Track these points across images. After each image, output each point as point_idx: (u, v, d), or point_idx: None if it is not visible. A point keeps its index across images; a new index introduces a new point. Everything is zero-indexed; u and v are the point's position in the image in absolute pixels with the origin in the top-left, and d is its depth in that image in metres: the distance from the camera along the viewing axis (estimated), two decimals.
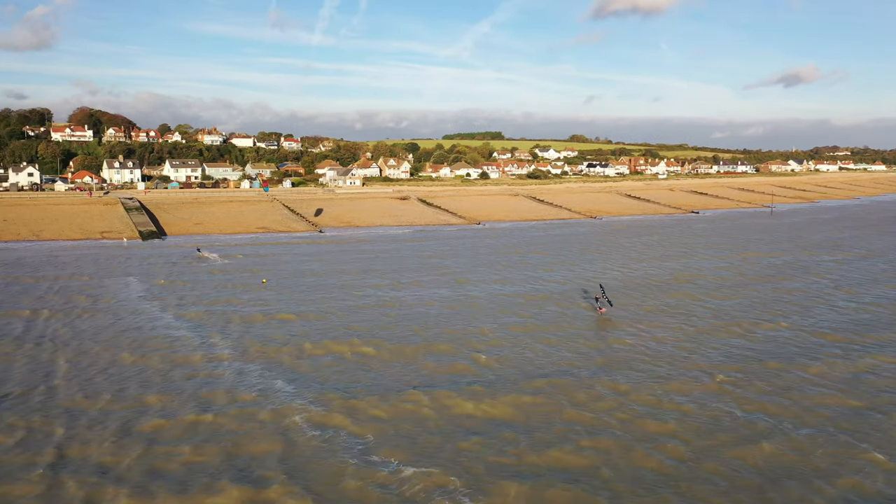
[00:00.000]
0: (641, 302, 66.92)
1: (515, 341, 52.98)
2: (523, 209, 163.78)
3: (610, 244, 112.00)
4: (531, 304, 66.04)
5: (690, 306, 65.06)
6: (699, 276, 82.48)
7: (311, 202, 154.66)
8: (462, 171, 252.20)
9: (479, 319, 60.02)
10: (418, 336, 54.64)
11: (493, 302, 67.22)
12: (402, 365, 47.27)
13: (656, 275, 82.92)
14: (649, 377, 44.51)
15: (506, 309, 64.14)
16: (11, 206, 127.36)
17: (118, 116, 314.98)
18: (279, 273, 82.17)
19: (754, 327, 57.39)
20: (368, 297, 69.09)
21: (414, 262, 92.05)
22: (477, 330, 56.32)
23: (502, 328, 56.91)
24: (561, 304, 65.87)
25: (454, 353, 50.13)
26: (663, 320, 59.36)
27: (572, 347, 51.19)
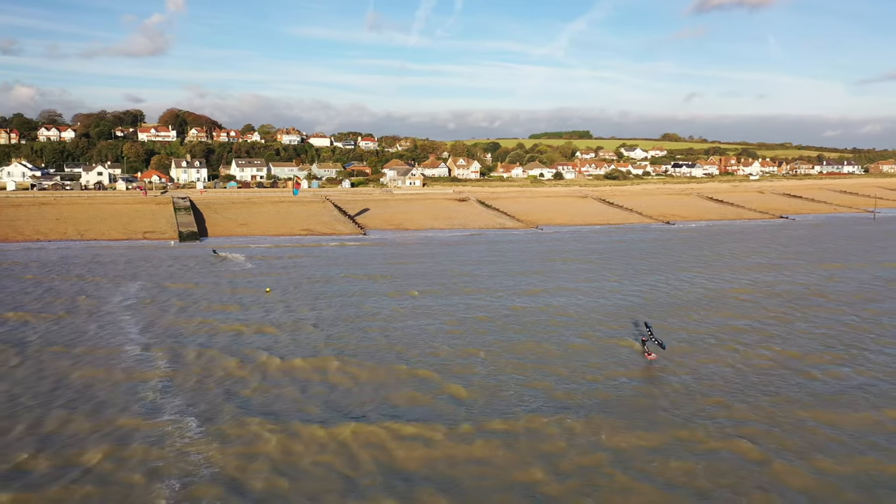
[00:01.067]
0: (687, 324, 56.89)
1: (501, 373, 44.78)
2: (589, 212, 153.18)
3: (674, 253, 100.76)
4: (543, 328, 57.12)
5: (745, 337, 54.36)
6: (769, 292, 70.95)
7: (363, 203, 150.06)
8: (535, 171, 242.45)
9: (464, 340, 52.02)
10: (389, 356, 47.56)
11: (497, 322, 58.67)
12: (357, 393, 40.14)
13: (713, 290, 72.00)
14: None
15: (505, 330, 55.74)
16: (68, 205, 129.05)
17: (202, 117, 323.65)
18: (298, 278, 77.50)
19: (821, 368, 46.61)
20: (364, 308, 62.63)
21: (442, 267, 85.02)
22: (454, 353, 48.43)
23: (494, 355, 48.68)
24: (584, 335, 56.73)
25: (422, 381, 42.55)
26: (716, 369, 49.43)
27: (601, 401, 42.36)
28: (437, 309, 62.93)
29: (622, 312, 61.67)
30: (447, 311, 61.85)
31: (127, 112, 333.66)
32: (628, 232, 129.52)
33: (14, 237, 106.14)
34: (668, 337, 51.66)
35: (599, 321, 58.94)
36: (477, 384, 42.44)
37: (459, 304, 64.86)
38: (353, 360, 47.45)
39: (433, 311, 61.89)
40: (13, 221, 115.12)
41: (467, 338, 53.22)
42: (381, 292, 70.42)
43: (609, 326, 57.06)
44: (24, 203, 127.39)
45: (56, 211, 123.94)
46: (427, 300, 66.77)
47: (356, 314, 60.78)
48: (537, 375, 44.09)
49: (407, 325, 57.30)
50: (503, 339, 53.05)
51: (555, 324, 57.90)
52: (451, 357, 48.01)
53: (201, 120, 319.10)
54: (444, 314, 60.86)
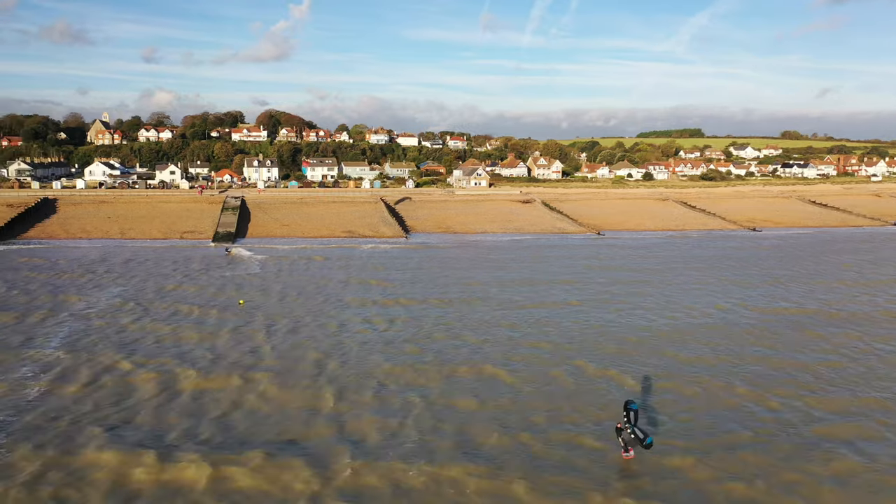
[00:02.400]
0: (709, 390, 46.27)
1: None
2: (664, 217, 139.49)
3: (744, 268, 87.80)
4: (485, 353, 48.15)
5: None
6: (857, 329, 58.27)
7: (419, 204, 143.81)
8: (623, 171, 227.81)
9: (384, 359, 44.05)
10: (318, 382, 40.46)
11: (439, 356, 50.15)
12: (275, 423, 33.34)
13: (757, 323, 60.02)
14: None
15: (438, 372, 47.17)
16: (124, 204, 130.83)
17: (295, 117, 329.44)
18: (291, 286, 72.06)
19: None
20: (329, 327, 56.16)
21: (462, 275, 77.97)
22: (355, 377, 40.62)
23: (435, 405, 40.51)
24: (561, 382, 47.29)
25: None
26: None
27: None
28: (397, 324, 55.35)
29: (599, 355, 51.54)
30: (402, 328, 54.10)
31: (228, 113, 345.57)
32: (704, 240, 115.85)
33: (59, 234, 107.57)
34: (671, 400, 41.50)
35: (571, 355, 49.44)
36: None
37: (420, 319, 57.00)
38: (250, 394, 40.76)
39: (393, 330, 54.27)
40: (67, 219, 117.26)
41: (394, 356, 45.30)
42: (372, 300, 63.88)
43: (576, 363, 47.53)
44: (84, 201, 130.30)
45: (111, 209, 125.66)
46: (401, 311, 59.32)
47: (328, 334, 54.34)
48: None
49: (348, 349, 50.35)
50: (439, 362, 44.72)
51: (515, 354, 48.89)
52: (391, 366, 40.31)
53: (294, 120, 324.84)
54: (398, 331, 53.18)
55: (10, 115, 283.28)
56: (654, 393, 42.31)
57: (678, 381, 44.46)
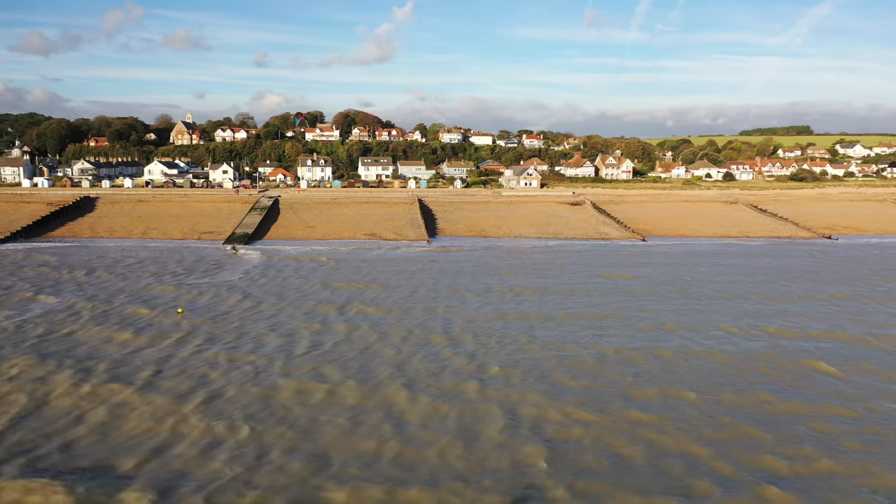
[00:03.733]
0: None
1: None
2: (728, 221, 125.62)
3: (777, 284, 75.53)
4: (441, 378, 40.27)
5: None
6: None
7: (460, 205, 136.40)
8: (702, 171, 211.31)
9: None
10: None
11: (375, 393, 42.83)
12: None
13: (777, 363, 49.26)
14: None
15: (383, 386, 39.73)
16: (161, 203, 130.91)
17: (370, 116, 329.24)
18: (265, 293, 67.46)
19: None
20: (266, 347, 49.82)
21: (449, 282, 70.30)
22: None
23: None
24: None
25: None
26: None
27: None
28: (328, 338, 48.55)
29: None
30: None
31: (309, 113, 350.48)
32: (760, 247, 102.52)
33: (84, 233, 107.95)
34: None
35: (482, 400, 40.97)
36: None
37: (351, 335, 49.86)
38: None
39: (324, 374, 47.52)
40: (99, 218, 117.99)
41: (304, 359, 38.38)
42: (327, 312, 57.86)
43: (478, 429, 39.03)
44: (122, 200, 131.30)
45: (145, 208, 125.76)
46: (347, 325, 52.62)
47: (222, 349, 48.55)
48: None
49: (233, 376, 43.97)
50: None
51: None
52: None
53: (368, 119, 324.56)
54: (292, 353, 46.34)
55: (100, 117, 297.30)
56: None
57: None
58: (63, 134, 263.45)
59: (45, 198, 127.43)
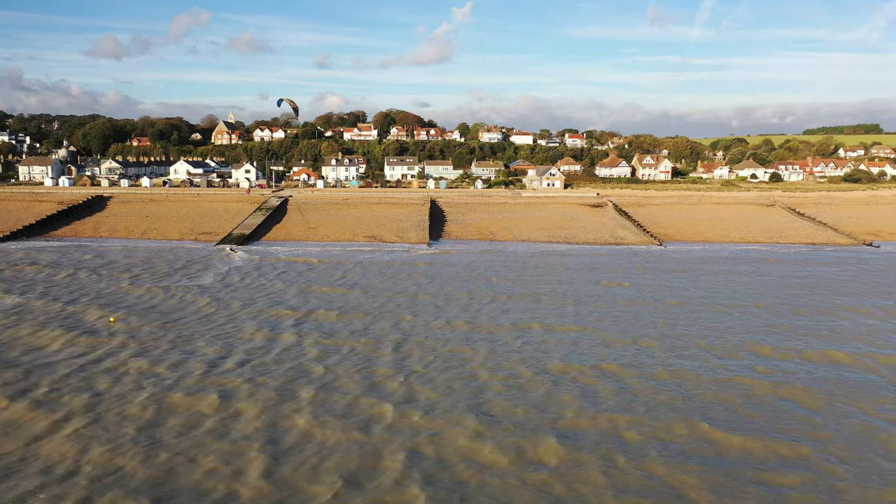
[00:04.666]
0: None
1: None
2: (760, 226, 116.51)
3: (797, 304, 67.92)
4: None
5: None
6: None
7: (475, 206, 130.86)
8: (746, 171, 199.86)
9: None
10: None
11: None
12: None
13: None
14: None
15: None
16: (171, 203, 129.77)
17: (410, 115, 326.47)
18: (237, 297, 64.41)
19: None
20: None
21: (418, 289, 65.11)
22: None
23: None
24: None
25: None
26: None
27: None
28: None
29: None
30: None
31: (351, 114, 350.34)
32: (793, 254, 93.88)
33: (85, 233, 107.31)
34: None
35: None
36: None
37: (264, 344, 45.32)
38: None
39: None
40: (105, 217, 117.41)
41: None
42: (263, 318, 53.64)
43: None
44: (134, 199, 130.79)
45: (155, 208, 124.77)
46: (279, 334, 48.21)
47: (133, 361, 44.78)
48: None
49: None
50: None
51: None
52: None
53: (408, 118, 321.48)
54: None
55: (144, 118, 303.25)
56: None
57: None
58: (106, 134, 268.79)
59: (58, 197, 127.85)
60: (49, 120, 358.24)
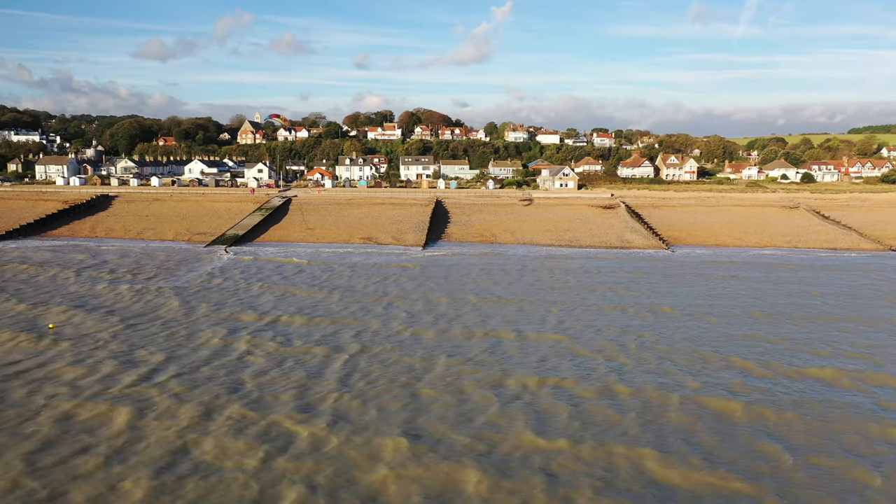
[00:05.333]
0: None
1: None
2: (780, 229, 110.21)
3: (784, 312, 62.72)
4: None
5: None
6: None
7: (481, 208, 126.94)
8: (777, 171, 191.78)
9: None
10: None
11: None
12: None
13: None
14: None
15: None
16: (174, 202, 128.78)
17: (435, 115, 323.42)
18: (208, 299, 62.14)
19: None
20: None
21: (414, 293, 61.39)
22: None
23: None
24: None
25: None
26: None
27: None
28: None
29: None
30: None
31: (378, 113, 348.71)
32: (809, 260, 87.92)
33: (82, 233, 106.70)
34: None
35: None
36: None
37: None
38: None
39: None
40: (105, 217, 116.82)
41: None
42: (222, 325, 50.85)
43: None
44: (138, 199, 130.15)
45: (158, 207, 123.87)
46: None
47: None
48: None
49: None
50: None
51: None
52: None
53: (434, 118, 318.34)
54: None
55: (172, 117, 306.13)
56: None
57: None
58: (133, 134, 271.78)
59: (63, 196, 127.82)
60: (90, 121, 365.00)
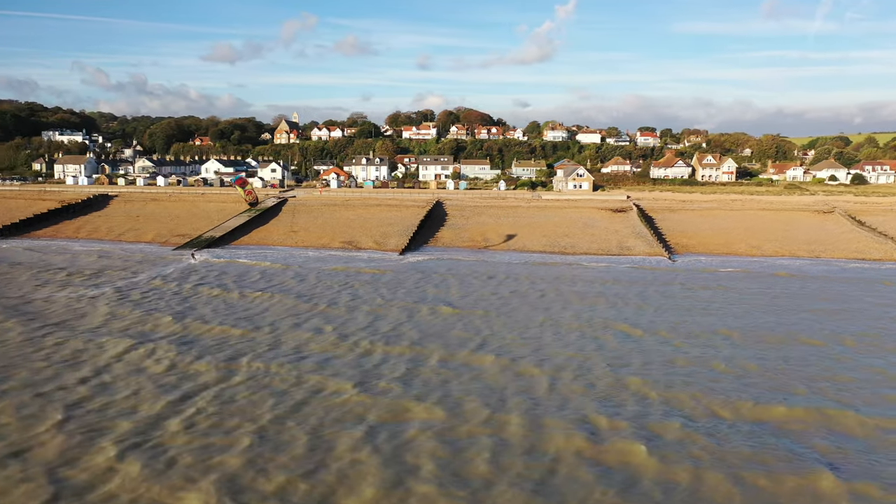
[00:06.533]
0: None
1: None
2: (806, 236, 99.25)
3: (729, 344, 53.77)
4: None
5: None
6: None
7: (483, 209, 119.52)
8: (825, 171, 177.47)
9: None
10: None
11: None
12: None
13: None
14: None
15: None
16: (170, 202, 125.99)
17: (474, 113, 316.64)
18: (142, 305, 57.14)
19: None
20: None
21: (369, 304, 55.43)
22: None
23: None
24: None
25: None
26: None
27: None
28: None
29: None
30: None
31: (419, 112, 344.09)
32: (828, 271, 77.64)
33: (66, 234, 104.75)
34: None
35: None
36: None
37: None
38: None
39: None
40: (96, 217, 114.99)
41: None
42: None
43: None
44: (136, 199, 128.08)
45: (153, 207, 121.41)
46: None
47: None
48: None
49: None
50: None
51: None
52: None
53: (472, 116, 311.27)
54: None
55: (211, 117, 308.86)
56: None
57: None
58: (170, 133, 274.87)
59: (62, 195, 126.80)
60: (151, 122, 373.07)
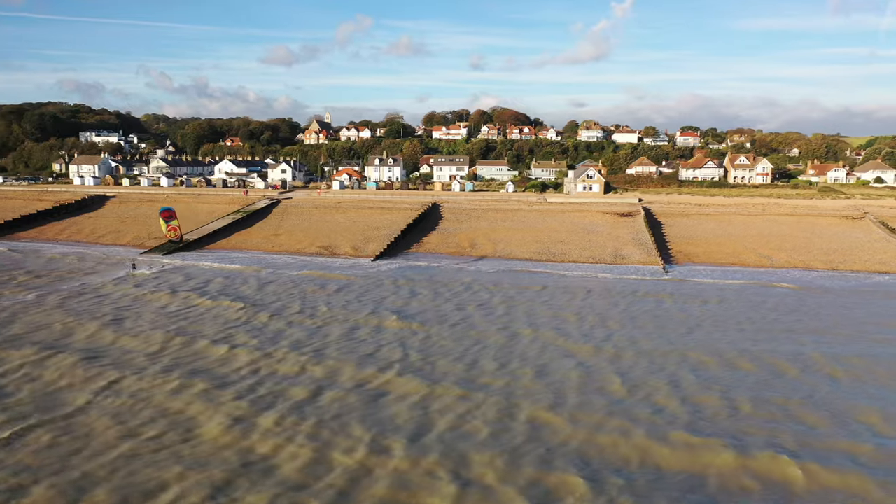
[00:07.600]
0: None
1: None
2: (827, 245, 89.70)
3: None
4: None
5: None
6: None
7: (483, 212, 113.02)
8: (869, 173, 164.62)
9: None
10: None
11: None
12: None
13: None
14: None
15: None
16: (164, 204, 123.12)
17: (507, 112, 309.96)
18: (74, 310, 53.54)
19: None
20: None
21: (322, 314, 50.53)
22: None
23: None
24: None
25: None
26: None
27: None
28: None
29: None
30: None
31: (453, 112, 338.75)
32: (846, 284, 68.77)
33: (46, 236, 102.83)
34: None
35: None
36: None
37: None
38: None
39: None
40: (85, 219, 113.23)
41: None
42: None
43: None
44: (133, 199, 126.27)
45: (145, 209, 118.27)
46: None
47: None
48: None
49: None
50: None
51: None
52: None
53: (505, 116, 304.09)
54: None
55: (243, 118, 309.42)
56: None
57: None
58: (201, 134, 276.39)
59: (60, 196, 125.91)
60: (185, 123, 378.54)
